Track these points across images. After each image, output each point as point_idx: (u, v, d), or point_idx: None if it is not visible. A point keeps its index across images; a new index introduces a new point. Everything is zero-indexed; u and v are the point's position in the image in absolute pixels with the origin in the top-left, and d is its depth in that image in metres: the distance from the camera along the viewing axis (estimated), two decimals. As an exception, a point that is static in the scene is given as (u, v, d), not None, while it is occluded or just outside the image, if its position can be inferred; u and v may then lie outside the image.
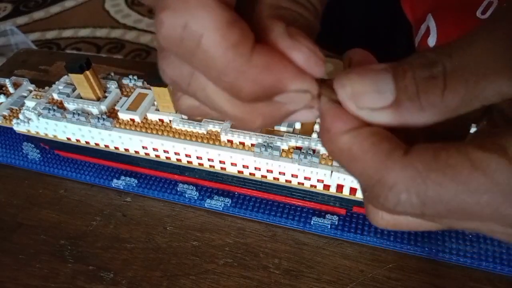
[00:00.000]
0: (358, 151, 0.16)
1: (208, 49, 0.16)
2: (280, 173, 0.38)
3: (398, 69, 0.16)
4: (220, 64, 0.16)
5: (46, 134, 0.46)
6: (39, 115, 0.44)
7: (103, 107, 0.43)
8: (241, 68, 0.16)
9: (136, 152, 0.43)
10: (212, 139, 0.39)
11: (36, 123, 0.45)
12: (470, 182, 0.14)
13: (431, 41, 0.50)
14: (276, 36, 0.16)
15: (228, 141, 0.39)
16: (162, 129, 0.41)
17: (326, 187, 0.38)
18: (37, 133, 0.46)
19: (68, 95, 0.44)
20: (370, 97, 0.15)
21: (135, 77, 0.46)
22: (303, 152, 0.37)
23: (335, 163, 0.36)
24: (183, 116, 0.41)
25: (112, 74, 0.48)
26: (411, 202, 0.15)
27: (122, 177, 0.45)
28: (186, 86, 0.19)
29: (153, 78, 0.39)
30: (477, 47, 0.15)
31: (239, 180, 0.41)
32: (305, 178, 0.38)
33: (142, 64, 0.66)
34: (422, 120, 0.15)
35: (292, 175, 0.38)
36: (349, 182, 0.37)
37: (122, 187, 0.45)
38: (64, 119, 0.43)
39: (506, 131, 0.15)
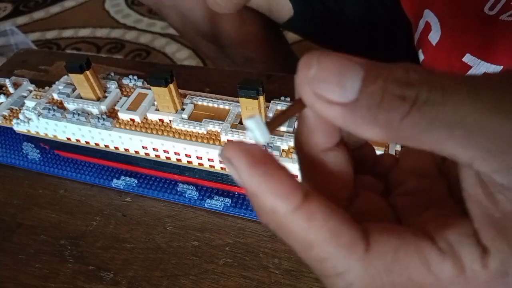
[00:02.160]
0: (315, 240, 0.15)
1: None
2: (280, 173, 0.38)
3: (372, 71, 0.14)
4: None
5: (46, 134, 0.46)
6: (39, 115, 0.44)
7: (103, 107, 0.43)
8: None
9: (136, 152, 0.43)
10: (212, 139, 0.39)
11: (36, 123, 0.45)
12: (423, 285, 0.14)
13: (434, 37, 0.50)
14: None
15: (228, 141, 0.39)
16: (162, 129, 0.41)
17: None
18: (37, 133, 0.46)
19: (68, 95, 0.44)
20: (331, 87, 0.14)
21: (135, 77, 0.46)
22: (303, 152, 0.37)
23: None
24: (183, 116, 0.41)
25: (112, 74, 0.48)
26: None
27: (122, 177, 0.45)
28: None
29: (153, 78, 0.39)
30: (463, 103, 0.13)
31: (239, 180, 0.41)
32: (305, 178, 0.38)
33: (142, 64, 0.66)
34: (368, 134, 0.14)
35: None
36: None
37: (122, 187, 0.45)
38: (64, 119, 0.43)
39: (465, 240, 0.14)
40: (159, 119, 0.42)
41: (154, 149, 0.42)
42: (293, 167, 0.37)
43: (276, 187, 0.14)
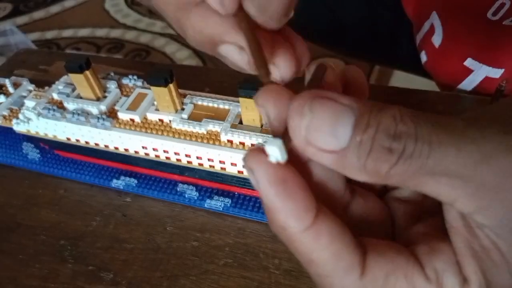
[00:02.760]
0: (317, 259, 0.16)
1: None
2: (280, 173, 0.38)
3: (363, 117, 0.15)
4: None
5: (46, 134, 0.46)
6: (39, 115, 0.44)
7: (103, 107, 0.43)
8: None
9: (136, 152, 0.43)
10: (212, 139, 0.39)
11: (36, 123, 0.45)
12: None
13: (436, 40, 0.50)
14: None
15: (228, 141, 0.39)
16: (162, 129, 0.41)
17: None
18: (37, 133, 0.46)
19: (68, 95, 0.44)
20: (324, 137, 0.15)
21: (135, 77, 0.46)
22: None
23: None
24: (183, 116, 0.41)
25: (112, 74, 0.47)
26: None
27: (122, 177, 0.45)
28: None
29: (153, 78, 0.39)
30: (448, 156, 0.14)
31: (239, 180, 0.41)
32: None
33: (142, 64, 0.66)
34: (360, 178, 0.15)
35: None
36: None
37: (122, 187, 0.44)
38: (64, 119, 0.43)
39: (450, 270, 0.16)
40: (159, 119, 0.42)
41: (154, 149, 0.42)
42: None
43: (290, 207, 0.15)
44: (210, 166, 0.41)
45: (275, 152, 0.15)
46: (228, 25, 0.18)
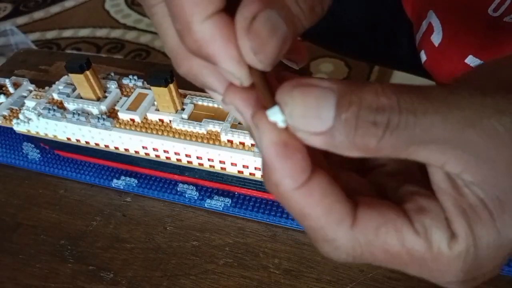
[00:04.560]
0: (310, 213, 0.17)
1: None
2: (280, 173, 0.38)
3: (345, 98, 0.15)
4: (176, 9, 0.18)
5: (46, 134, 0.46)
6: (39, 115, 0.44)
7: (103, 107, 0.43)
8: (190, 25, 0.18)
9: (136, 152, 0.43)
10: (212, 139, 0.39)
11: (36, 123, 0.45)
12: (396, 258, 0.17)
13: (436, 39, 0.50)
14: (236, 19, 0.17)
15: (228, 141, 0.39)
16: (162, 129, 0.41)
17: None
18: (37, 133, 0.46)
19: (68, 95, 0.44)
20: (309, 121, 0.16)
21: (135, 77, 0.46)
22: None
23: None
24: (183, 116, 0.41)
25: (112, 74, 0.47)
26: (348, 259, 0.18)
27: (122, 177, 0.45)
28: (156, 18, 0.21)
29: (153, 78, 0.39)
30: (434, 124, 0.15)
31: (239, 180, 0.41)
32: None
33: (142, 64, 0.66)
34: (352, 154, 0.16)
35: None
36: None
37: (122, 187, 0.45)
38: (64, 119, 0.43)
39: (437, 225, 0.17)
40: (159, 119, 0.42)
41: (154, 149, 0.42)
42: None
43: (287, 167, 0.16)
44: (210, 166, 0.41)
45: (278, 118, 0.16)
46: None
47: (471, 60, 0.47)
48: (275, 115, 0.16)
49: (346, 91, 0.15)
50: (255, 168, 0.39)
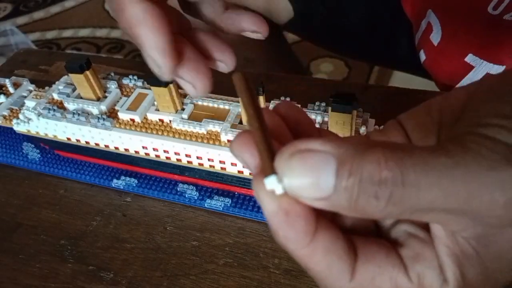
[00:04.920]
0: (313, 268, 0.18)
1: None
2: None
3: (345, 165, 0.15)
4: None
5: (46, 134, 0.46)
6: (39, 115, 0.44)
7: (103, 107, 0.43)
8: (123, 6, 0.21)
9: (136, 152, 0.43)
10: (212, 139, 0.39)
11: (36, 123, 0.45)
12: None
13: (435, 38, 0.49)
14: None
15: (228, 141, 0.39)
16: (162, 129, 0.41)
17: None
18: (37, 133, 0.46)
19: (68, 95, 0.44)
20: (309, 190, 0.16)
21: (135, 77, 0.46)
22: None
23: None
24: (183, 116, 0.41)
25: (112, 74, 0.48)
26: None
27: (122, 177, 0.45)
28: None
29: (153, 78, 0.39)
30: (435, 196, 0.15)
31: (239, 180, 0.41)
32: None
33: (142, 64, 0.66)
34: (352, 216, 0.17)
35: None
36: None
37: (122, 187, 0.45)
38: (64, 119, 0.43)
39: (431, 273, 0.18)
40: (159, 119, 0.42)
41: (154, 149, 0.42)
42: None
43: (290, 232, 0.17)
44: (210, 166, 0.41)
45: (276, 187, 0.16)
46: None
47: (471, 59, 0.47)
48: (272, 184, 0.16)
49: (347, 158, 0.15)
50: (255, 168, 0.39)
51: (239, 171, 0.40)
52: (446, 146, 0.16)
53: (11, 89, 0.51)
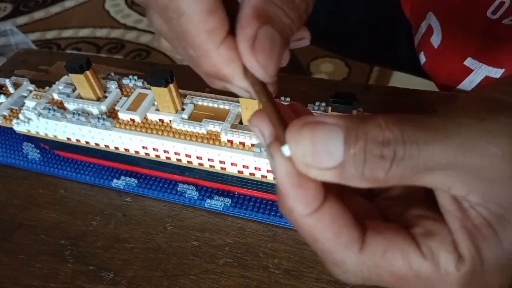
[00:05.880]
0: (320, 237, 0.18)
1: (186, 25, 0.19)
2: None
3: (351, 133, 0.16)
4: (192, 40, 0.19)
5: (46, 134, 0.46)
6: (39, 115, 0.44)
7: (103, 107, 0.43)
8: (207, 52, 0.19)
9: (136, 152, 0.43)
10: (212, 139, 0.39)
11: (36, 123, 0.45)
12: (404, 279, 0.18)
13: (435, 40, 0.50)
14: (239, 40, 0.19)
15: (228, 141, 0.39)
16: (162, 129, 0.41)
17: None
18: (37, 133, 0.46)
19: (68, 95, 0.44)
20: (320, 157, 0.16)
21: (135, 77, 0.46)
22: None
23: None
24: (183, 116, 0.41)
25: (112, 74, 0.48)
26: (356, 281, 0.19)
27: (122, 177, 0.45)
28: (164, 35, 0.22)
29: (153, 78, 0.39)
30: (436, 151, 0.16)
31: (239, 180, 0.41)
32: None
33: (142, 64, 0.66)
34: (362, 185, 0.17)
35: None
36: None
37: (122, 187, 0.45)
38: (64, 119, 0.43)
39: (444, 248, 0.18)
40: (159, 119, 0.42)
41: (154, 149, 0.42)
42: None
43: (301, 194, 0.17)
44: (210, 166, 0.41)
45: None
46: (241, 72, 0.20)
47: (470, 62, 0.48)
48: (288, 151, 0.17)
49: (352, 126, 0.16)
50: (255, 168, 0.39)
51: (239, 171, 0.40)
52: (439, 112, 0.17)
53: (11, 89, 0.51)
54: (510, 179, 0.16)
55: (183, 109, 0.42)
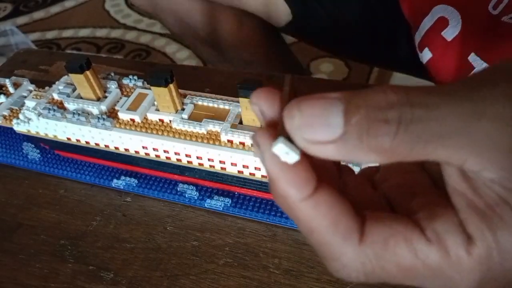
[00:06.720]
0: (317, 227, 0.16)
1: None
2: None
3: (352, 103, 0.15)
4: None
5: (46, 134, 0.46)
6: (39, 115, 0.44)
7: (103, 107, 0.43)
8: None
9: (136, 152, 0.43)
10: (212, 139, 0.39)
11: (36, 123, 0.45)
12: (412, 270, 0.16)
13: (451, 32, 0.48)
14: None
15: (228, 141, 0.39)
16: (162, 129, 0.41)
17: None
18: (37, 133, 0.46)
19: (68, 95, 0.44)
20: (318, 129, 0.15)
21: (135, 77, 0.46)
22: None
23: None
24: (183, 116, 0.41)
25: (112, 74, 0.48)
26: (358, 277, 0.17)
27: (122, 177, 0.45)
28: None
29: (153, 78, 0.39)
30: (447, 115, 0.14)
31: (239, 180, 0.41)
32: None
33: (142, 64, 0.66)
34: (366, 160, 0.15)
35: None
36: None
37: (122, 187, 0.45)
38: (64, 119, 0.43)
39: (451, 229, 0.16)
40: (159, 119, 0.42)
41: (154, 149, 0.42)
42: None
43: (292, 177, 0.16)
44: (210, 166, 0.41)
45: (285, 150, 0.16)
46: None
47: (473, 59, 0.47)
48: (279, 144, 0.16)
49: (353, 96, 0.15)
50: (255, 168, 0.39)
51: (239, 171, 0.40)
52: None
53: (11, 89, 0.51)
54: None
55: (183, 109, 0.42)
